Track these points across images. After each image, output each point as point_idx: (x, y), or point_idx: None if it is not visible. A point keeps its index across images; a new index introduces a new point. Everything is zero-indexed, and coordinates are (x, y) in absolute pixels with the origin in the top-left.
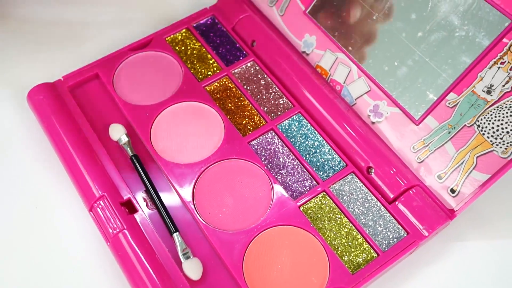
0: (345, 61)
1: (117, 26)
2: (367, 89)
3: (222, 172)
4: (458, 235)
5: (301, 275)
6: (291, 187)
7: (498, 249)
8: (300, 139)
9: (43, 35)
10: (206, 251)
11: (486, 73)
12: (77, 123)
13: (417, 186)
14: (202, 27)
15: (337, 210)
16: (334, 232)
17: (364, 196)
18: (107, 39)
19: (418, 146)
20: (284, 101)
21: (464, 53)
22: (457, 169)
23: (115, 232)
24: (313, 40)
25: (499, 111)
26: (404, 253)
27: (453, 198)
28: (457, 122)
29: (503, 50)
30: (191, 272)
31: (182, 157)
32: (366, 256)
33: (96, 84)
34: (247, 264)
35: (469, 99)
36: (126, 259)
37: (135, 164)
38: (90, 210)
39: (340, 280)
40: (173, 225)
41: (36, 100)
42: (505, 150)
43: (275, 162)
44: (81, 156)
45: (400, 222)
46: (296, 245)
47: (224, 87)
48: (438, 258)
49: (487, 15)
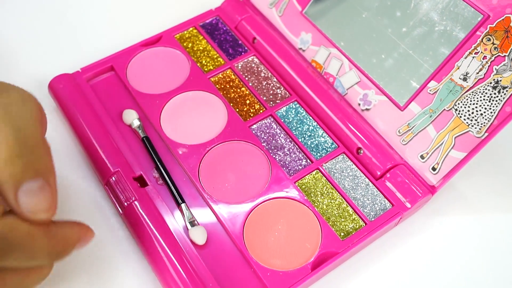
0: (338, 55)
1: (130, 24)
2: (357, 80)
3: (225, 152)
4: (439, 210)
5: (296, 241)
6: (288, 165)
7: (474, 222)
8: (296, 124)
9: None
10: (210, 220)
11: (462, 63)
12: (93, 109)
13: (402, 165)
14: (207, 26)
15: (329, 185)
16: (326, 204)
17: (354, 174)
18: (121, 36)
19: (403, 129)
20: (281, 91)
21: (443, 45)
22: (437, 149)
23: (128, 203)
24: (308, 37)
25: (473, 96)
26: (388, 222)
27: (434, 175)
28: (437, 107)
29: (477, 42)
30: (197, 238)
31: (189, 139)
32: (355, 225)
33: (111, 75)
34: (247, 232)
35: (447, 86)
36: (139, 226)
37: (146, 145)
38: (106, 184)
39: (331, 245)
40: (180, 196)
41: (57, 89)
42: (479, 130)
43: (273, 144)
44: (98, 138)
45: (386, 195)
46: (291, 215)
47: (227, 78)
48: (421, 230)
49: (462, 11)
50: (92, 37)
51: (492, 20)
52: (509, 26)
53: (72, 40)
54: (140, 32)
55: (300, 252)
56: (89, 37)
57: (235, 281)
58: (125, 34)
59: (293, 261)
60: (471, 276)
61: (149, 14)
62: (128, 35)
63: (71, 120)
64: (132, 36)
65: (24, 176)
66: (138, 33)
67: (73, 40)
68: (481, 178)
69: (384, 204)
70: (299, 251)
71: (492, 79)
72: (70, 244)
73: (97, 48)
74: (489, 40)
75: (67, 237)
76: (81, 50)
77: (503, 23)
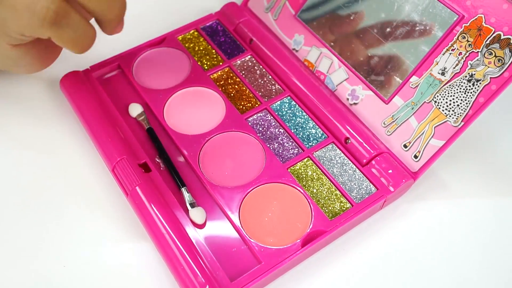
0: (328, 55)
1: (136, 27)
2: (346, 76)
3: (223, 141)
4: (421, 196)
5: (288, 221)
6: (281, 154)
7: (453, 207)
8: (289, 117)
9: None
10: (209, 202)
11: (441, 59)
12: (102, 103)
13: (386, 153)
14: (208, 28)
15: (319, 171)
16: (316, 189)
17: (342, 161)
18: (128, 37)
19: (387, 121)
20: (276, 87)
21: (423, 43)
22: (419, 138)
23: (133, 187)
24: (301, 38)
25: (451, 89)
26: (373, 204)
27: (416, 162)
28: (418, 99)
29: (453, 40)
30: (196, 218)
31: (190, 129)
32: (342, 207)
33: (118, 73)
34: (243, 212)
35: (427, 80)
36: (143, 208)
37: (150, 135)
38: (113, 170)
39: (320, 224)
40: (181, 181)
41: (68, 85)
42: (456, 120)
43: (268, 135)
44: (106, 128)
45: (371, 180)
46: (284, 198)
47: (226, 75)
48: (404, 214)
49: (440, 12)
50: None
51: (466, 19)
52: (481, 25)
53: None
54: (145, 34)
55: (291, 230)
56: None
57: (231, 256)
58: (132, 35)
59: (285, 238)
60: (450, 256)
61: (154, 18)
62: (134, 37)
63: (81, 113)
64: (138, 37)
65: None
66: (144, 34)
67: None
68: (460, 165)
69: (370, 188)
70: (290, 230)
71: (467, 73)
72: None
73: (106, 48)
74: (464, 38)
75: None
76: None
77: (476, 22)
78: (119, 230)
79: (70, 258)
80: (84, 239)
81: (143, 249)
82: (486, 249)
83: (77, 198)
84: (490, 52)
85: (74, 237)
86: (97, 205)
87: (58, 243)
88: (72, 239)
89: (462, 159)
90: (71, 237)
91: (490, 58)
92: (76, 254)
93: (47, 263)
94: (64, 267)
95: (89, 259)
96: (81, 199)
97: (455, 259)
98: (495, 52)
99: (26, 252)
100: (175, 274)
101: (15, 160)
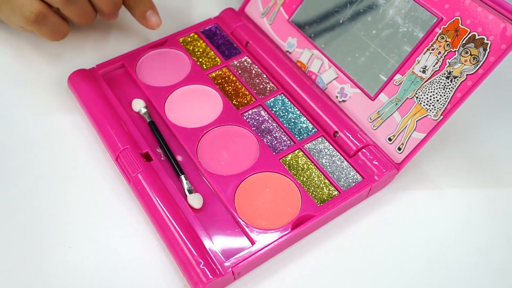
0: (319, 56)
1: (140, 30)
2: (335, 76)
3: (220, 134)
4: (405, 186)
5: (279, 206)
6: (274, 146)
7: (434, 197)
8: (282, 112)
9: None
10: (206, 189)
11: (422, 58)
12: (107, 99)
13: (372, 145)
14: (207, 32)
15: (309, 161)
16: (306, 177)
17: (330, 152)
18: (132, 38)
19: (373, 116)
20: (270, 85)
21: (406, 44)
22: (402, 132)
23: (135, 174)
24: (294, 41)
25: (431, 85)
26: (359, 191)
27: (399, 154)
28: (401, 96)
29: (433, 40)
30: (194, 202)
31: (188, 123)
32: (330, 194)
33: (122, 71)
34: (238, 198)
35: (410, 78)
36: (144, 193)
37: (152, 127)
38: (116, 159)
39: (309, 209)
40: (180, 169)
41: (75, 82)
42: (436, 114)
43: (262, 129)
44: (110, 121)
45: (357, 170)
46: (276, 186)
47: (224, 74)
48: (388, 203)
49: (421, 15)
50: (107, 40)
51: (444, 21)
52: (458, 26)
53: (90, 41)
54: (148, 36)
55: (282, 215)
56: (103, 38)
57: (226, 238)
58: (135, 38)
59: (276, 222)
60: (431, 243)
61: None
62: (138, 39)
63: (87, 108)
64: (141, 39)
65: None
66: (147, 37)
67: (91, 41)
68: (440, 158)
69: (356, 177)
70: (281, 214)
71: (446, 70)
72: None
73: (111, 49)
74: (442, 38)
75: None
76: (96, 50)
77: (453, 24)
78: (122, 215)
79: (75, 241)
80: (88, 223)
81: (144, 232)
82: (465, 236)
83: (82, 186)
84: (466, 51)
85: (79, 221)
86: (102, 191)
87: (63, 227)
88: (76, 223)
89: (442, 152)
90: (75, 221)
91: (466, 57)
92: (81, 237)
93: (52, 247)
94: (70, 248)
95: (93, 242)
96: (85, 187)
97: (435, 246)
98: (471, 51)
99: (30, 239)
100: (174, 253)
101: (25, 151)
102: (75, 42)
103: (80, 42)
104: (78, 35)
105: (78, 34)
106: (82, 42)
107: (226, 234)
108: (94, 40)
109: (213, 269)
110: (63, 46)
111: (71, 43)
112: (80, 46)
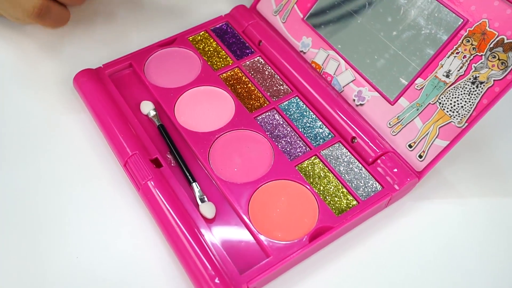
0: (335, 57)
1: (149, 28)
2: (352, 78)
3: (232, 139)
4: (426, 194)
5: (295, 217)
6: (289, 152)
7: (457, 206)
8: (297, 116)
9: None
10: (219, 198)
11: (445, 61)
12: (114, 100)
13: (392, 152)
14: (218, 30)
15: (326, 169)
16: (323, 186)
17: (348, 160)
18: (140, 38)
19: (393, 122)
20: (284, 87)
21: (428, 47)
22: (423, 138)
23: (145, 182)
24: (309, 41)
25: (455, 91)
26: (379, 202)
27: (420, 162)
28: (423, 101)
29: (458, 43)
30: (206, 212)
31: (200, 127)
32: (349, 204)
33: (130, 71)
34: (252, 208)
35: (432, 82)
36: (154, 202)
37: (161, 131)
38: (125, 165)
39: (327, 220)
40: (191, 176)
41: (81, 82)
42: (461, 121)
43: (276, 133)
44: (118, 125)
45: (377, 179)
46: (292, 195)
47: (235, 75)
48: (409, 212)
49: (445, 17)
50: (114, 39)
51: (470, 24)
52: (485, 29)
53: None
54: (157, 34)
55: (299, 226)
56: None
57: (240, 250)
58: (143, 36)
59: (292, 233)
60: (453, 253)
61: (165, 19)
62: (146, 37)
63: (94, 110)
64: (150, 38)
65: None
66: (156, 35)
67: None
68: (464, 165)
69: (375, 186)
70: (298, 225)
71: (471, 75)
72: None
73: (118, 47)
74: (468, 42)
75: None
76: (103, 49)
77: (480, 26)
78: (130, 224)
79: (82, 250)
80: (95, 231)
81: (154, 242)
82: (488, 247)
83: (88, 192)
84: (494, 55)
85: (86, 230)
86: (109, 199)
87: (70, 236)
88: (84, 232)
89: (466, 159)
90: (83, 230)
91: (493, 61)
92: (88, 246)
93: (60, 256)
94: (77, 258)
95: (101, 251)
96: (92, 193)
97: (458, 256)
98: (499, 56)
99: (38, 244)
100: (186, 267)
101: (30, 154)
102: (80, 39)
103: (86, 39)
104: (84, 32)
105: (83, 31)
106: (88, 39)
107: (240, 246)
108: (100, 37)
109: (227, 284)
110: (69, 43)
111: (77, 41)
112: (86, 43)
